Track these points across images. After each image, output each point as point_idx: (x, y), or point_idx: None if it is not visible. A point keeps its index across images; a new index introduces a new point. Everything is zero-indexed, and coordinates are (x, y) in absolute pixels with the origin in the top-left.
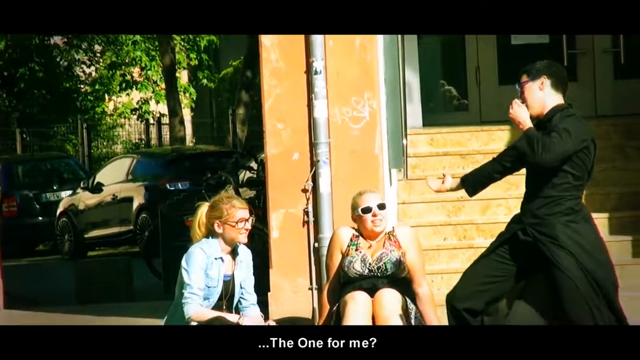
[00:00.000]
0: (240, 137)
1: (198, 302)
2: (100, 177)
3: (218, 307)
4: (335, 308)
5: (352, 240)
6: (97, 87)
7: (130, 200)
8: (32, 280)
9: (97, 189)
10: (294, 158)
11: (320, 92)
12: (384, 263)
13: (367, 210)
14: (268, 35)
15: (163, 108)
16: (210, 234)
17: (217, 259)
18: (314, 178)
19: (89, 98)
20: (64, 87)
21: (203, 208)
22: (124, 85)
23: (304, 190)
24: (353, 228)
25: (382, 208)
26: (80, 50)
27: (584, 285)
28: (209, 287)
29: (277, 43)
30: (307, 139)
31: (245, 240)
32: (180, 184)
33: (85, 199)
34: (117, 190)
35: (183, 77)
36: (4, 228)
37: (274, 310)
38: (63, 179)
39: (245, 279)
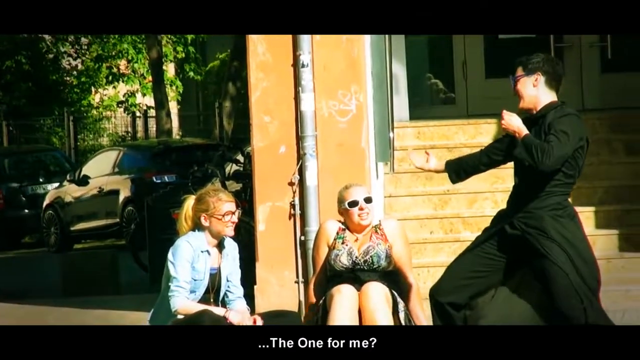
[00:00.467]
0: (227, 130)
1: (184, 295)
2: (87, 169)
3: (205, 300)
4: (322, 301)
5: (338, 234)
6: (83, 79)
7: (117, 193)
8: (17, 273)
9: (83, 182)
10: (281, 151)
11: (307, 85)
12: (371, 256)
13: (353, 204)
14: None
15: (150, 101)
16: (197, 227)
17: (203, 252)
18: (301, 171)
19: (76, 90)
20: (51, 79)
21: (189, 201)
22: (111, 78)
23: (291, 184)
24: (340, 221)
25: (368, 201)
26: (67, 43)
27: (574, 276)
28: (196, 280)
29: (264, 36)
30: (293, 132)
31: (232, 233)
32: (167, 177)
33: (72, 192)
34: (103, 183)
35: (170, 69)
36: None
37: (260, 303)
38: (49, 172)
39: (232, 272)
